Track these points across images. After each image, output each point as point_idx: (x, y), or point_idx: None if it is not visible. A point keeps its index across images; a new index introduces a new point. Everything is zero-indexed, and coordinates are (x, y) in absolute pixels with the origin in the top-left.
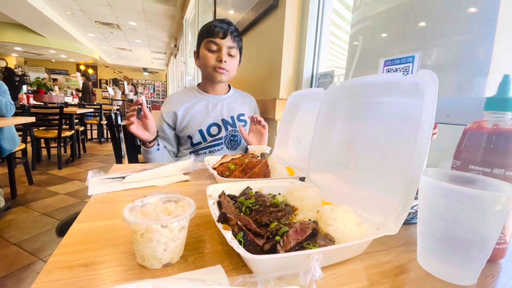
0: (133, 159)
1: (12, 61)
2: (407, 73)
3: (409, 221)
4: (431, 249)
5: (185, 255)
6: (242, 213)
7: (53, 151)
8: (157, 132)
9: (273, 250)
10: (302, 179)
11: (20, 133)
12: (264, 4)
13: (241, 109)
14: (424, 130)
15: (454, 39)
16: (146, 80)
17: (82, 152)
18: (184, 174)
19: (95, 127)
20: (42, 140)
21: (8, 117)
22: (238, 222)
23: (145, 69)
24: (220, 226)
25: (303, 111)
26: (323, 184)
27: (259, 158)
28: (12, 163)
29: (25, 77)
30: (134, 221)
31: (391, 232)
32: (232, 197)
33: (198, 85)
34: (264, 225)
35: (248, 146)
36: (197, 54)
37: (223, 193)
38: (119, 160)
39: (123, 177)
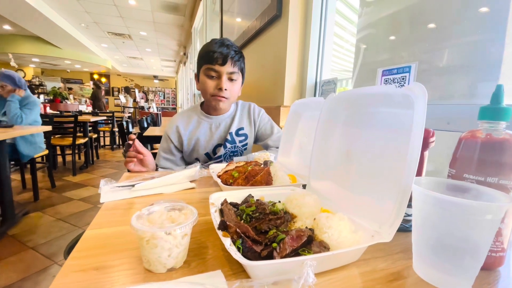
0: None
1: (30, 72)
2: (404, 83)
3: (408, 228)
4: (425, 257)
5: (188, 260)
6: (242, 221)
7: (68, 158)
8: (156, 166)
9: (270, 256)
10: (304, 186)
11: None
12: (268, 14)
13: (240, 123)
14: (415, 139)
15: (461, 41)
16: (156, 87)
17: (95, 158)
18: (191, 181)
19: (107, 134)
20: (58, 148)
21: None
22: (237, 230)
23: (155, 77)
24: (220, 233)
25: (305, 119)
26: (323, 191)
27: (262, 166)
28: (35, 168)
29: (42, 87)
30: (141, 228)
31: (384, 240)
32: (234, 205)
33: (202, 104)
34: (263, 232)
35: (252, 154)
36: (197, 78)
37: (225, 201)
38: None
39: (133, 185)
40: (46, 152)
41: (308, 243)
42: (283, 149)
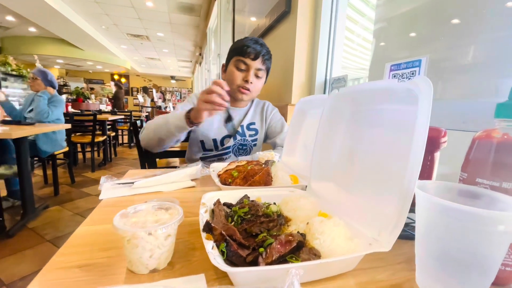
0: (151, 164)
1: (55, 73)
2: (413, 77)
3: (414, 236)
4: (429, 269)
5: (173, 261)
6: (233, 223)
7: (88, 155)
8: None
9: (256, 262)
10: (306, 188)
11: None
12: (277, 11)
13: (252, 118)
14: (418, 138)
15: (483, 37)
16: (173, 87)
17: (113, 156)
18: (192, 180)
19: (126, 132)
20: (79, 145)
21: (42, 121)
22: (222, 232)
23: (172, 77)
24: (203, 235)
25: (310, 118)
26: (323, 193)
27: (264, 165)
28: (56, 164)
29: (66, 87)
30: (121, 227)
31: (383, 249)
32: (229, 205)
33: None
34: (254, 236)
35: (257, 153)
36: (225, 68)
37: (217, 201)
38: (143, 165)
39: (132, 183)
40: (67, 149)
41: (298, 249)
42: (288, 148)
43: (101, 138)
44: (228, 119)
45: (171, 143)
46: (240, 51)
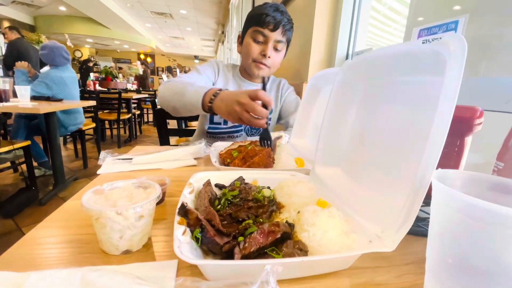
0: (164, 142)
1: (86, 52)
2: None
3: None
4: (441, 276)
5: (149, 243)
6: (219, 206)
7: (115, 132)
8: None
9: (232, 252)
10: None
11: (92, 114)
12: None
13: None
14: (441, 117)
15: None
16: None
17: (138, 133)
18: (195, 158)
19: (151, 111)
20: (106, 122)
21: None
22: (198, 216)
23: (196, 57)
24: (177, 219)
25: (324, 95)
26: (327, 180)
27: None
28: (84, 139)
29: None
30: (88, 205)
31: (385, 249)
32: (221, 187)
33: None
34: (241, 221)
35: None
36: (241, 39)
37: (207, 182)
38: (162, 141)
39: (131, 159)
40: (93, 125)
41: (282, 241)
42: (298, 129)
43: (126, 116)
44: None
45: (189, 114)
46: (258, 20)
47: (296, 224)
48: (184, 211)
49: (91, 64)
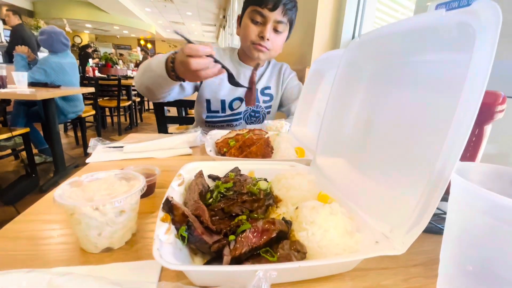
0: (162, 129)
1: (85, 38)
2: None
3: (439, 230)
4: (456, 284)
5: (133, 240)
6: (211, 199)
7: (116, 119)
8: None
9: (221, 252)
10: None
11: (91, 101)
12: None
13: (268, 81)
14: (467, 103)
15: None
16: None
17: (139, 121)
18: (191, 147)
19: None
20: (107, 109)
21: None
22: (185, 212)
23: None
24: (161, 215)
25: (328, 80)
26: (330, 171)
27: (267, 135)
28: (84, 126)
29: (96, 52)
30: (59, 200)
31: (394, 252)
32: (215, 178)
33: (238, 51)
34: (235, 216)
35: (265, 121)
36: (239, 20)
37: (199, 173)
38: (160, 129)
39: (122, 147)
40: (93, 112)
41: (278, 241)
42: (299, 117)
43: (126, 103)
44: (230, 77)
45: (165, 94)
46: None
47: (294, 221)
48: (169, 206)
49: (90, 50)
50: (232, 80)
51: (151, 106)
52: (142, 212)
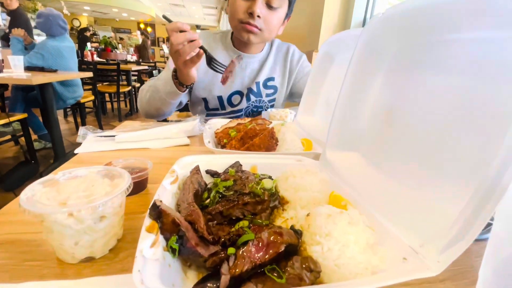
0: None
1: (84, 21)
2: None
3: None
4: None
5: (119, 246)
6: (208, 200)
7: (116, 105)
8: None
9: (218, 269)
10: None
11: (90, 86)
12: None
13: (271, 71)
14: None
15: None
16: None
17: None
18: (188, 137)
19: None
20: (107, 95)
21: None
22: (176, 219)
23: (197, 26)
24: (147, 222)
25: (339, 64)
26: (342, 168)
27: (271, 125)
28: (84, 112)
29: (95, 36)
30: (25, 205)
31: (427, 273)
32: (213, 174)
33: (232, 34)
34: (235, 220)
35: (269, 110)
36: None
37: (194, 169)
38: None
39: (114, 136)
40: (92, 98)
41: (286, 256)
42: (305, 104)
43: (126, 89)
44: (209, 60)
45: (172, 108)
46: None
47: (305, 231)
48: (156, 213)
49: (88, 34)
50: (213, 63)
51: None
52: (131, 212)
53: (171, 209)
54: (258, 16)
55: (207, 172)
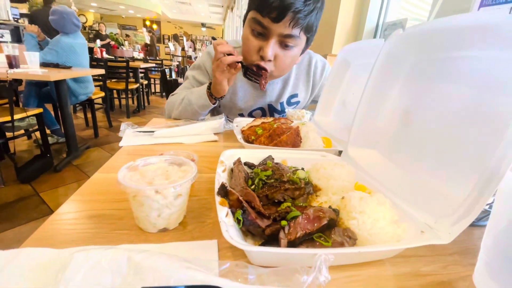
0: None
1: (90, 17)
2: None
3: (474, 223)
4: (499, 273)
5: (185, 221)
6: (253, 186)
7: (124, 102)
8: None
9: (275, 236)
10: (340, 153)
11: (100, 83)
12: None
13: (294, 88)
14: None
15: None
16: (204, 36)
17: (146, 104)
18: (215, 134)
19: (158, 81)
20: (115, 91)
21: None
22: (239, 198)
23: (203, 24)
24: (218, 199)
25: (355, 69)
26: (363, 163)
27: (293, 124)
28: (94, 108)
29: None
30: (125, 183)
31: (440, 241)
32: (250, 166)
33: None
34: (276, 203)
35: (286, 110)
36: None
37: (238, 160)
38: None
39: (153, 132)
40: (102, 94)
41: (329, 228)
42: (322, 105)
43: (134, 86)
44: (245, 70)
45: (200, 118)
46: (259, 2)
47: (342, 210)
48: (224, 192)
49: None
50: (249, 74)
51: (158, 89)
52: None
53: (234, 190)
54: (270, 60)
55: (245, 164)
